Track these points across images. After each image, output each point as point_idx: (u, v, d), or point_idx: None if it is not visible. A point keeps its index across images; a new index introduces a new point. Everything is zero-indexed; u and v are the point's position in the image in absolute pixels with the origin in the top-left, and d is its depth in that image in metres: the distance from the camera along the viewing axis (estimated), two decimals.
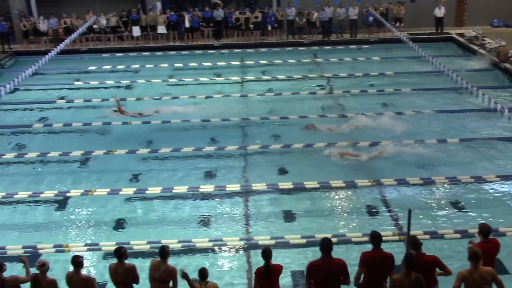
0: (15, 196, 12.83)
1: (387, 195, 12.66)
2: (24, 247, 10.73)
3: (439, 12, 26.91)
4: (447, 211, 11.97)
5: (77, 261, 7.85)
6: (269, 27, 27.22)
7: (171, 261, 8.33)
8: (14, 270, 9.66)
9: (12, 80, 19.35)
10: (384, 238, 10.42)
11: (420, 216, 11.53)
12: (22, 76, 18.43)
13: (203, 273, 7.74)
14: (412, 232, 8.14)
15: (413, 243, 7.74)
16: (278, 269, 7.89)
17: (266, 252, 7.78)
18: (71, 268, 7.92)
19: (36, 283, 7.82)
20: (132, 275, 8.03)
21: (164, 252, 8.00)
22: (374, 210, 12.11)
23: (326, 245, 7.51)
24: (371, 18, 26.97)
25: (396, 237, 10.76)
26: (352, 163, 14.09)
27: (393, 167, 13.82)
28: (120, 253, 8.01)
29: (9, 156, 15.10)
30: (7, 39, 26.78)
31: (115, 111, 18.07)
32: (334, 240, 10.31)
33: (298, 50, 26.23)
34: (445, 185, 12.96)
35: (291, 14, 26.98)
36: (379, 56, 24.35)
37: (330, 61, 24.09)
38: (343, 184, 12.86)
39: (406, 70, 22.37)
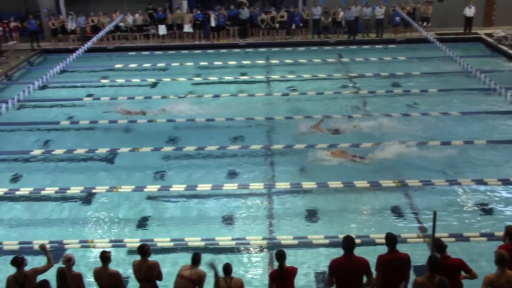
0: (42, 192, 13.03)
1: (412, 196, 12.52)
2: (50, 242, 10.86)
3: (469, 11, 26.49)
4: (473, 214, 11.81)
5: (105, 256, 7.99)
6: (294, 26, 27.17)
7: None
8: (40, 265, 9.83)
9: (40, 77, 19.63)
10: (408, 240, 10.45)
11: (445, 218, 11.38)
12: (50, 73, 18.73)
13: (227, 268, 7.80)
14: (437, 235, 8.05)
15: (438, 246, 7.66)
16: (292, 271, 7.84)
17: (280, 255, 7.74)
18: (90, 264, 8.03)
19: (62, 277, 7.95)
20: (155, 272, 8.10)
21: (197, 258, 8.05)
22: (398, 211, 12.00)
23: (348, 243, 7.48)
24: (397, 18, 26.70)
25: (421, 239, 10.67)
26: (377, 164, 13.96)
27: (418, 168, 13.65)
28: (144, 250, 8.10)
29: (37, 152, 15.35)
30: (37, 37, 27.21)
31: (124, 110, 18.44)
32: (357, 241, 10.30)
33: (324, 49, 26.13)
34: (472, 187, 12.77)
35: (317, 13, 26.87)
36: (406, 56, 24.10)
37: (356, 60, 23.93)
38: (368, 185, 12.77)
39: (433, 70, 22.12)
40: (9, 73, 23.31)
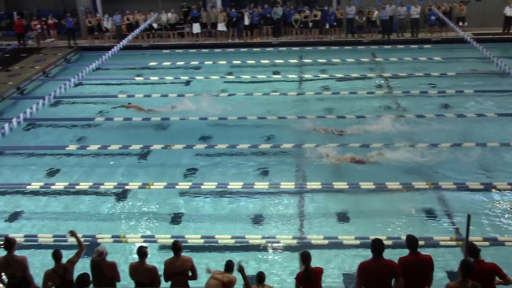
0: (76, 187, 13.27)
1: (445, 199, 12.32)
2: (83, 236, 11.05)
3: (510, 11, 25.84)
4: (508, 218, 11.54)
5: (143, 252, 8.12)
6: (327, 26, 27.02)
7: (226, 256, 8.43)
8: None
9: (76, 74, 20.01)
10: (441, 243, 10.30)
11: (480, 222, 11.18)
12: (86, 70, 19.11)
13: (261, 276, 7.85)
14: (470, 238, 7.91)
15: (471, 250, 7.52)
16: (318, 272, 7.79)
17: (306, 256, 7.71)
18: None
19: (96, 267, 8.06)
20: (190, 266, 8.18)
21: (230, 266, 8.13)
22: (431, 213, 11.82)
23: (378, 246, 7.40)
24: (433, 17, 26.29)
25: (454, 242, 10.49)
26: (411, 165, 13.79)
27: (452, 170, 13.44)
28: (178, 246, 8.20)
29: (72, 147, 15.64)
30: (73, 35, 27.73)
31: (129, 104, 18.73)
32: (388, 242, 10.22)
33: (357, 49, 25.93)
34: (507, 191, 12.49)
35: (351, 12, 26.66)
36: (441, 56, 23.73)
37: (390, 60, 23.68)
38: (400, 186, 12.62)
39: (469, 71, 21.72)
40: (46, 70, 23.82)
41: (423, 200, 12.35)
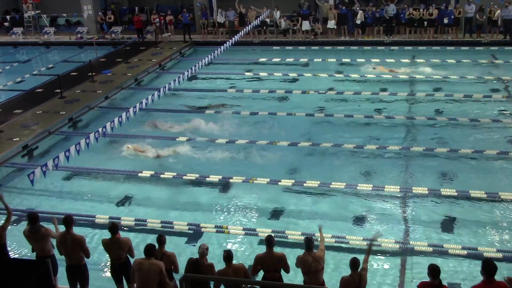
0: (184, 177, 13.71)
1: None
2: (188, 224, 11.53)
3: None
4: None
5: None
6: (444, 23, 25.83)
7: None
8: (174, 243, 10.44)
9: (190, 68, 20.76)
10: None
11: None
12: (199, 64, 19.78)
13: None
14: None
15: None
16: None
17: (438, 270, 7.17)
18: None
19: (196, 266, 8.21)
20: (282, 263, 8.22)
21: (310, 242, 8.11)
22: None
23: (489, 268, 6.90)
24: None
25: None
26: None
27: None
28: (272, 241, 8.25)
29: (182, 139, 16.17)
30: (189, 30, 28.76)
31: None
32: (498, 255, 9.68)
33: (475, 50, 24.68)
34: None
35: (470, 11, 25.34)
36: None
37: (511, 63, 22.27)
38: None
39: None
40: (162, 63, 24.96)
41: None
